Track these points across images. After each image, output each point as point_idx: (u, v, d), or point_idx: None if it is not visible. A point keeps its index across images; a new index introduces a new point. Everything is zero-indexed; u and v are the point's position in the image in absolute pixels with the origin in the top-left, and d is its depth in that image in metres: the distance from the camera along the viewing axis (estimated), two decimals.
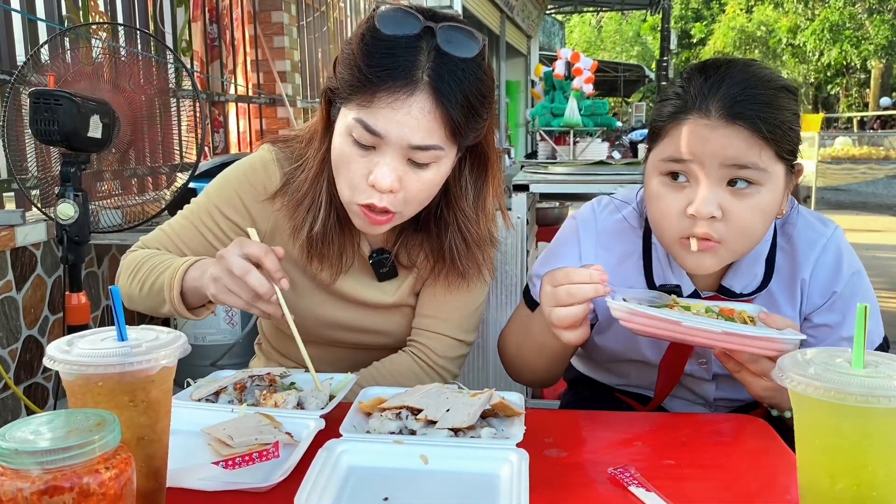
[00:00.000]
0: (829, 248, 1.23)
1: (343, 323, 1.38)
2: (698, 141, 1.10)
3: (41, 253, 2.63)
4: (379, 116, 1.10)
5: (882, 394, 0.65)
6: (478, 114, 1.15)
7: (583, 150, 6.77)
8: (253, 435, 0.95)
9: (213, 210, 1.33)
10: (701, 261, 1.14)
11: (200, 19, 4.29)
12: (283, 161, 1.32)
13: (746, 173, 1.09)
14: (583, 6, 20.40)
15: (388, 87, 1.09)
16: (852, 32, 24.83)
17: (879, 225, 9.41)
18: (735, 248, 1.14)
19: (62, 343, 0.77)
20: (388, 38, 1.11)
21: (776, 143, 1.09)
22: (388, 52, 1.10)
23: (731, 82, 1.11)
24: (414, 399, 1.02)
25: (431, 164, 1.15)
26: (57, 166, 2.30)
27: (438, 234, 1.31)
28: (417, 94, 1.09)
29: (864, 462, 0.69)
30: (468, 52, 1.12)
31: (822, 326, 1.24)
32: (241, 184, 1.33)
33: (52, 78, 2.28)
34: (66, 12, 3.12)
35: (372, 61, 1.10)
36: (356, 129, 1.12)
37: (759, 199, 1.10)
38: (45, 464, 0.61)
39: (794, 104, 1.14)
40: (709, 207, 1.09)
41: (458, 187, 1.28)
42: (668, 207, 1.14)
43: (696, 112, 1.11)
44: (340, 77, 1.14)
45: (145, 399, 0.76)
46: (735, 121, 1.08)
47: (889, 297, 5.70)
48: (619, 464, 0.95)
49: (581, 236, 1.33)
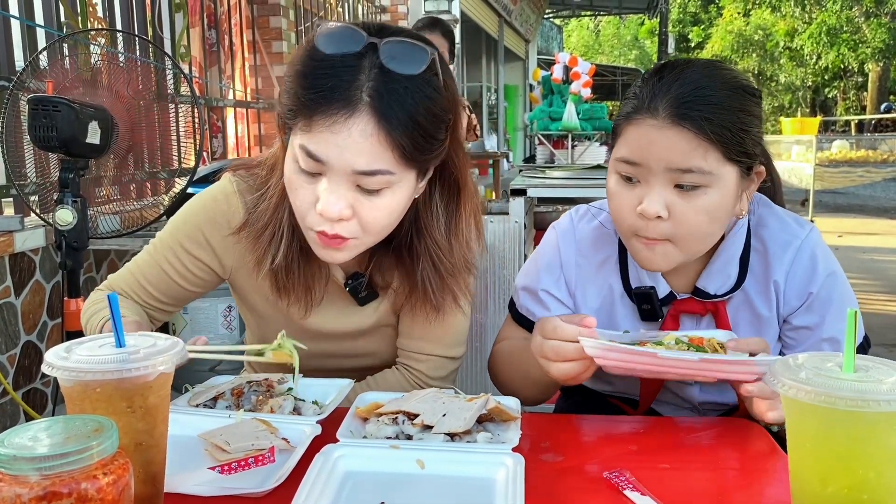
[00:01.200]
0: (804, 249, 1.23)
1: (324, 352, 1.33)
2: (646, 143, 1.11)
3: (40, 258, 2.64)
4: (319, 141, 1.03)
5: (872, 398, 0.66)
6: (429, 134, 1.07)
7: (581, 154, 6.78)
8: (249, 440, 0.95)
9: (175, 247, 1.28)
10: (652, 258, 1.16)
11: (199, 25, 4.30)
12: (246, 192, 1.26)
13: (691, 177, 1.10)
14: (581, 10, 20.46)
15: (326, 110, 1.02)
16: (849, 36, 24.86)
17: (877, 228, 9.43)
18: (683, 247, 1.15)
19: (60, 350, 0.78)
20: (326, 57, 1.04)
21: (724, 145, 1.09)
22: (326, 72, 1.03)
23: (683, 83, 1.12)
24: (410, 404, 1.03)
25: (384, 189, 1.07)
26: (55, 172, 2.31)
27: (411, 262, 1.24)
28: (357, 115, 1.02)
29: (854, 465, 0.69)
30: (414, 68, 1.04)
31: (802, 329, 1.24)
32: (204, 218, 1.27)
33: (51, 84, 2.29)
34: (65, 18, 3.13)
35: (309, 83, 1.04)
36: (300, 155, 1.06)
37: (706, 201, 1.11)
38: (44, 470, 0.61)
39: (751, 105, 1.14)
40: (654, 207, 1.11)
41: (429, 214, 1.21)
42: (621, 205, 1.16)
43: (645, 112, 1.12)
44: (282, 102, 1.09)
45: (143, 405, 0.77)
46: (681, 122, 1.09)
47: (888, 300, 5.71)
48: (615, 468, 0.95)
49: (561, 247, 1.34)
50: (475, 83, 13.57)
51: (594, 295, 1.32)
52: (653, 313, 1.26)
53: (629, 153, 1.14)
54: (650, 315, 1.26)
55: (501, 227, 2.76)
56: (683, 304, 1.25)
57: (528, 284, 1.36)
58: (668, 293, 1.25)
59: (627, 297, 1.29)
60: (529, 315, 1.36)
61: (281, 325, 1.30)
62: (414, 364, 1.32)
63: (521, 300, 1.37)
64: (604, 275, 1.31)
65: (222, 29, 4.53)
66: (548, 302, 1.34)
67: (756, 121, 1.15)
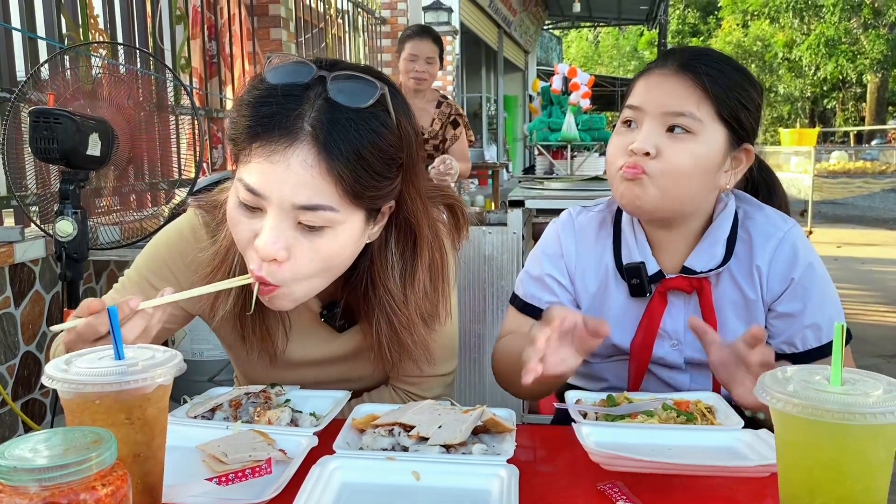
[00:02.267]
0: (786, 240, 1.30)
1: (310, 380, 1.29)
2: (651, 87, 1.27)
3: (39, 269, 2.65)
4: (258, 172, 0.99)
5: (858, 411, 0.67)
6: (375, 171, 1.02)
7: (580, 165, 6.80)
8: (247, 451, 0.96)
9: (143, 283, 1.22)
10: (632, 189, 1.24)
11: (199, 36, 4.32)
12: (212, 226, 1.21)
13: (682, 121, 1.22)
14: (580, 21, 20.52)
15: (265, 139, 0.98)
16: (848, 47, 24.96)
17: (876, 239, 9.44)
18: (663, 183, 1.23)
19: (60, 362, 0.79)
20: (271, 87, 1.01)
21: (717, 100, 1.23)
22: (268, 100, 1.00)
23: (696, 49, 1.31)
24: (407, 416, 1.04)
25: (325, 228, 1.01)
26: (56, 183, 2.32)
27: (366, 311, 1.19)
28: (298, 145, 0.97)
29: (842, 478, 0.70)
30: (361, 101, 1.00)
31: (785, 316, 1.30)
32: (170, 253, 1.23)
33: (52, 97, 2.31)
34: (67, 30, 3.15)
35: (250, 111, 1.00)
36: (240, 189, 1.01)
37: (693, 147, 1.22)
38: (43, 481, 0.62)
39: (751, 88, 1.27)
40: (644, 144, 1.22)
41: (383, 261, 1.16)
42: (615, 147, 1.28)
43: (656, 66, 1.29)
44: (227, 133, 1.05)
45: (141, 417, 0.78)
46: (684, 71, 1.24)
47: (887, 311, 5.72)
48: (608, 479, 0.96)
49: (561, 237, 1.43)
50: (475, 94, 13.62)
51: (592, 278, 1.39)
52: (641, 288, 1.32)
53: (633, 100, 1.29)
54: (639, 290, 1.33)
55: (500, 238, 2.78)
56: (671, 281, 1.32)
57: (533, 272, 1.43)
58: (657, 272, 1.32)
59: (619, 274, 1.36)
60: (534, 301, 1.41)
61: (259, 362, 1.28)
62: (407, 387, 1.31)
63: (526, 287, 1.43)
64: (597, 253, 1.39)
65: (223, 40, 4.56)
66: (552, 286, 1.40)
67: (753, 104, 1.27)
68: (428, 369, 1.29)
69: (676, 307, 1.34)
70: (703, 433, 1.06)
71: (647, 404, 1.15)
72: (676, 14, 31.00)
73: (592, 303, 1.39)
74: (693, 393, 1.21)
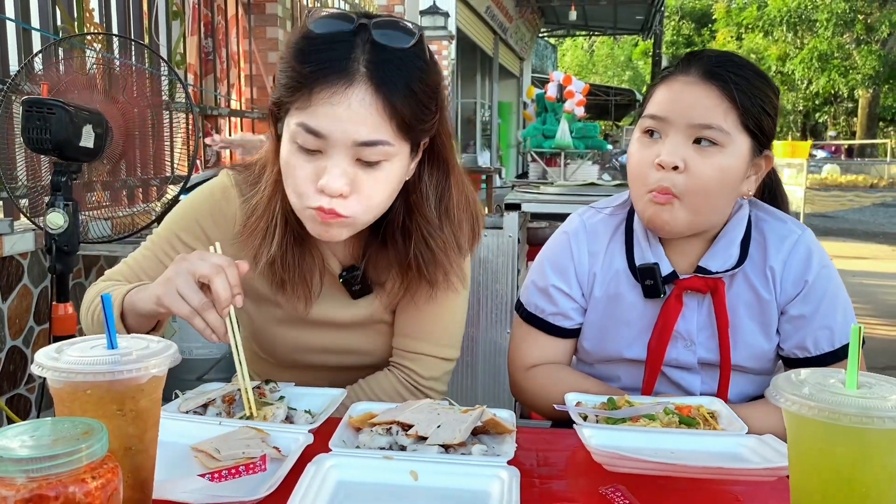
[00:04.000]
0: (801, 243, 1.30)
1: (319, 346, 1.35)
2: (674, 97, 1.23)
3: (28, 263, 2.61)
4: (319, 115, 1.06)
5: (876, 415, 0.65)
6: (424, 105, 1.11)
7: (573, 172, 6.80)
8: (240, 448, 0.94)
9: (173, 239, 1.29)
10: (660, 214, 1.23)
11: (196, 33, 4.29)
12: (244, 186, 1.28)
13: (710, 133, 1.20)
14: (575, 30, 20.59)
15: (325, 83, 1.05)
16: (840, 62, 25.15)
17: (866, 252, 9.48)
18: (692, 202, 1.21)
19: (51, 350, 0.76)
20: (319, 36, 1.08)
21: (744, 110, 1.20)
22: (321, 48, 1.07)
23: (718, 53, 1.27)
24: (405, 415, 1.02)
25: (382, 162, 1.09)
26: (47, 176, 2.29)
27: (404, 244, 1.26)
28: (356, 85, 1.05)
29: (857, 483, 0.69)
30: (404, 42, 1.09)
31: (798, 318, 1.29)
32: (201, 211, 1.29)
33: (46, 87, 2.27)
34: (62, 23, 3.12)
35: (306, 59, 1.07)
36: (299, 134, 1.08)
37: (721, 160, 1.20)
38: (31, 472, 0.60)
39: (771, 94, 1.25)
40: (673, 158, 1.20)
41: (419, 194, 1.23)
42: (640, 160, 1.25)
43: (679, 72, 1.25)
44: (279, 85, 1.11)
45: (134, 408, 0.76)
46: (710, 79, 1.21)
47: (876, 323, 5.73)
48: (610, 482, 0.94)
49: (573, 248, 1.40)
50: (469, 99, 13.63)
51: (604, 282, 1.37)
52: (655, 289, 1.30)
53: (656, 109, 1.25)
54: (653, 291, 1.31)
55: (495, 241, 2.76)
56: (686, 281, 1.30)
57: (538, 282, 1.42)
58: (671, 272, 1.31)
59: (633, 276, 1.34)
60: (538, 312, 1.41)
61: (277, 319, 1.33)
62: (408, 363, 1.32)
63: (531, 297, 1.42)
64: (610, 255, 1.38)
65: (219, 38, 4.53)
66: (556, 297, 1.39)
67: (773, 109, 1.25)
68: (433, 349, 1.32)
69: (690, 308, 1.32)
70: (706, 437, 1.04)
71: (648, 408, 1.13)
72: (671, 25, 31.17)
73: (605, 307, 1.37)
74: (695, 398, 1.19)
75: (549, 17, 17.22)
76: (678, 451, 1.01)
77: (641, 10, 15.83)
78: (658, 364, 1.34)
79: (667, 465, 0.92)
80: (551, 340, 1.41)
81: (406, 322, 1.34)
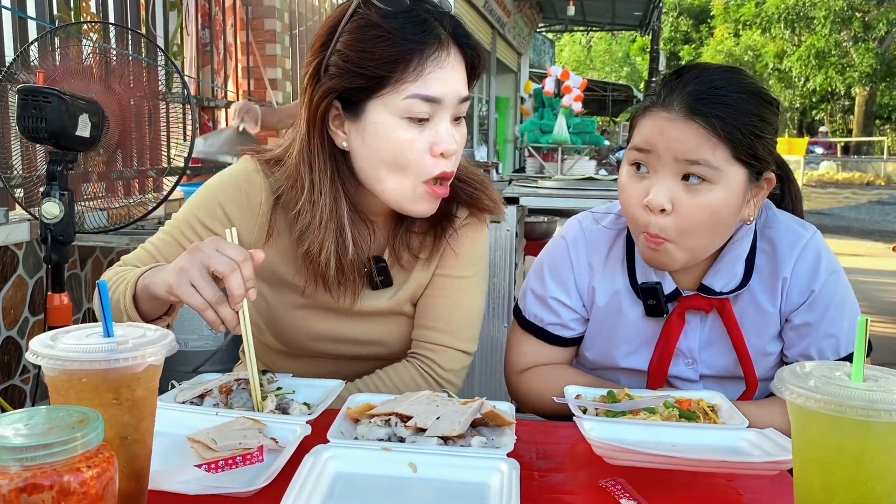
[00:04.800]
0: (809, 248, 1.25)
1: (335, 335, 1.33)
2: (657, 132, 1.15)
3: (23, 253, 2.59)
4: (433, 80, 1.13)
5: (883, 407, 0.65)
6: (483, 62, 1.23)
7: (570, 167, 6.79)
8: (237, 439, 0.93)
9: (194, 222, 1.28)
10: (655, 257, 1.20)
11: (193, 24, 4.27)
12: (268, 172, 1.27)
13: (698, 169, 1.13)
14: (573, 25, 20.56)
15: (434, 50, 1.13)
16: (837, 59, 25.17)
17: (862, 250, 9.50)
18: (685, 243, 1.17)
19: (46, 338, 0.75)
20: (409, 7, 1.14)
21: (733, 144, 1.12)
22: (418, 18, 1.14)
23: (700, 81, 1.16)
24: (403, 406, 1.01)
25: (462, 116, 1.20)
26: (43, 166, 2.27)
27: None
28: (451, 49, 1.15)
29: (862, 477, 0.68)
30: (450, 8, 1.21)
31: (802, 326, 1.26)
32: (223, 194, 1.28)
33: (42, 76, 2.26)
34: (58, 12, 3.09)
35: (412, 30, 1.12)
36: (414, 105, 1.13)
37: (710, 197, 1.14)
38: (25, 461, 0.59)
39: (766, 112, 1.16)
40: (660, 199, 1.14)
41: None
42: (630, 197, 1.20)
43: (660, 106, 1.16)
44: (369, 70, 1.12)
45: (130, 397, 0.74)
46: (693, 117, 1.13)
47: (872, 321, 5.74)
48: (610, 476, 0.93)
49: (572, 256, 1.37)
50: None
51: (604, 295, 1.34)
52: (658, 309, 1.27)
53: (641, 141, 1.18)
54: (655, 311, 1.28)
55: (493, 235, 2.74)
56: (689, 300, 1.27)
57: (537, 291, 1.39)
58: (673, 290, 1.27)
59: (634, 293, 1.31)
60: (537, 321, 1.38)
61: (293, 305, 1.31)
62: (430, 354, 1.31)
63: (530, 307, 1.39)
64: (610, 272, 1.34)
65: (216, 29, 4.51)
66: (556, 308, 1.37)
67: (770, 128, 1.17)
68: (453, 341, 1.32)
69: (692, 326, 1.28)
70: (707, 431, 1.04)
71: (648, 401, 1.12)
72: (669, 21, 31.14)
73: (604, 321, 1.35)
74: (696, 392, 1.18)
75: (547, 13, 17.18)
76: (679, 444, 1.00)
77: (639, 6, 15.81)
78: (661, 381, 1.31)
79: (667, 458, 0.91)
80: (548, 348, 1.39)
81: (427, 313, 1.33)
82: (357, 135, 1.18)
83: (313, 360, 1.36)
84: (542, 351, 1.39)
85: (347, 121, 1.18)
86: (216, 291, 1.03)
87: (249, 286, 1.04)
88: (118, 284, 1.21)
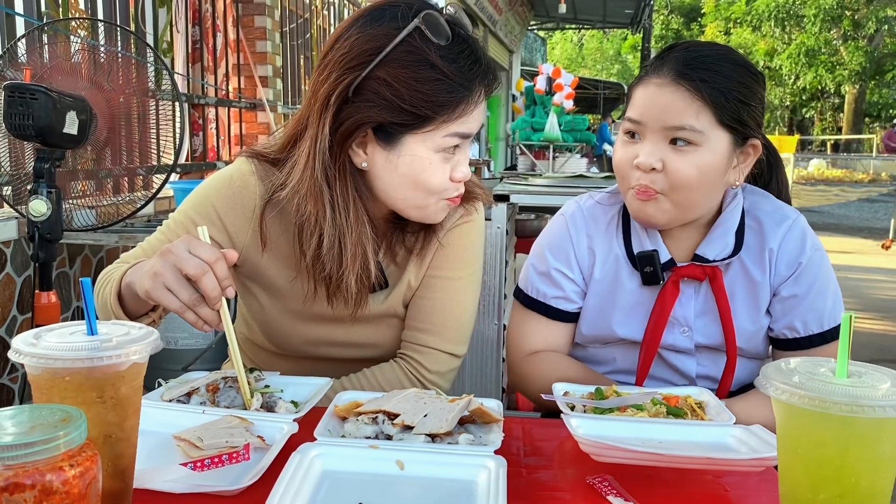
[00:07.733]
0: (795, 226, 1.33)
1: (330, 339, 1.33)
2: (648, 102, 1.25)
3: (11, 251, 2.58)
4: (471, 119, 1.16)
5: (866, 403, 0.65)
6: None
7: (562, 165, 6.79)
8: (224, 437, 0.92)
9: (187, 222, 1.27)
10: (644, 209, 1.27)
11: (183, 21, 4.25)
12: (264, 174, 1.26)
13: (684, 134, 1.22)
14: (565, 23, 20.57)
15: (481, 87, 1.15)
16: (828, 58, 25.26)
17: (851, 247, 9.55)
18: (674, 197, 1.24)
19: (29, 336, 0.75)
20: (463, 49, 1.14)
21: (717, 108, 1.21)
22: (470, 59, 1.15)
23: (690, 51, 1.26)
24: (391, 404, 1.01)
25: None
26: (30, 164, 2.25)
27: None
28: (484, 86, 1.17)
29: (846, 473, 0.68)
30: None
31: (790, 298, 1.32)
32: (217, 196, 1.27)
33: (29, 72, 2.24)
34: (46, 9, 3.07)
35: (468, 75, 1.14)
36: (451, 141, 1.15)
37: (697, 158, 1.22)
38: (7, 460, 0.58)
39: (751, 82, 1.25)
40: (650, 160, 1.23)
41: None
42: (621, 160, 1.29)
43: (652, 73, 1.26)
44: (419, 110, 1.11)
45: (114, 396, 0.74)
46: (679, 80, 1.22)
47: (862, 317, 5.77)
48: (598, 473, 0.93)
49: (571, 231, 1.41)
50: None
51: (602, 266, 1.39)
52: (654, 276, 1.32)
53: (633, 112, 1.27)
54: (652, 278, 1.32)
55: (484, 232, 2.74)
56: (684, 269, 1.32)
57: (539, 267, 1.42)
58: (668, 259, 1.32)
59: (630, 263, 1.36)
60: (540, 296, 1.42)
61: (286, 310, 1.31)
62: (416, 356, 1.31)
63: (531, 282, 1.43)
64: (609, 243, 1.39)
65: (206, 26, 4.49)
66: (559, 280, 1.40)
67: (755, 98, 1.25)
68: (441, 343, 1.31)
69: (686, 295, 1.34)
70: (694, 427, 1.04)
71: (636, 398, 1.12)
72: (660, 19, 31.22)
73: (602, 292, 1.38)
74: (683, 388, 1.18)
75: (538, 10, 17.17)
76: (666, 441, 1.00)
77: (631, 5, 15.82)
78: (654, 349, 1.35)
79: (654, 455, 0.91)
80: (552, 325, 1.42)
81: (417, 314, 1.33)
82: (384, 161, 1.17)
83: (306, 361, 1.36)
84: (545, 330, 1.42)
85: (376, 146, 1.16)
86: (192, 293, 1.02)
87: (226, 285, 1.03)
88: (106, 283, 1.20)
